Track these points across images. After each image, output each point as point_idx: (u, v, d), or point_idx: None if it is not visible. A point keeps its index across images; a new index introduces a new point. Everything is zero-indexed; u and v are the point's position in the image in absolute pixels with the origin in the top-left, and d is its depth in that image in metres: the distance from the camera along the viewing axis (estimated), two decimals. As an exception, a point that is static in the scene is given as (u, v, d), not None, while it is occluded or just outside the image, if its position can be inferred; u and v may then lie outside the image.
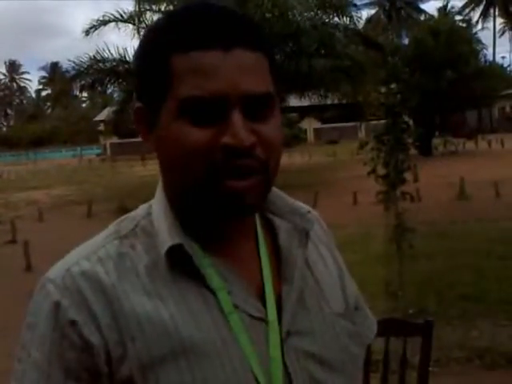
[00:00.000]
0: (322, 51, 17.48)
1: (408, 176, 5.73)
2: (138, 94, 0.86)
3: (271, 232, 0.91)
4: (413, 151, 6.76)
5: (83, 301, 0.78)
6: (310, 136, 44.74)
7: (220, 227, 0.85)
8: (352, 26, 19.08)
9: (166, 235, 0.82)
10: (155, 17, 17.81)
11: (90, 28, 18.26)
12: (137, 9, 17.89)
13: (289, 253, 0.88)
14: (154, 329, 0.77)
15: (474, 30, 32.49)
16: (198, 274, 0.81)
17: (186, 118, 0.77)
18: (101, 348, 0.77)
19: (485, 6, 60.83)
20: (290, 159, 27.82)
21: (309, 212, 0.94)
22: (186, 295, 0.80)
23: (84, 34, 18.31)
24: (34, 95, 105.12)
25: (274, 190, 0.91)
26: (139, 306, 0.78)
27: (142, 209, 0.90)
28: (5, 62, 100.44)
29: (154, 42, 0.82)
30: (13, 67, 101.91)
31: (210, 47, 0.77)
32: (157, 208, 0.86)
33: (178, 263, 0.81)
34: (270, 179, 0.82)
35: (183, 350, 0.77)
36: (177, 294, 0.80)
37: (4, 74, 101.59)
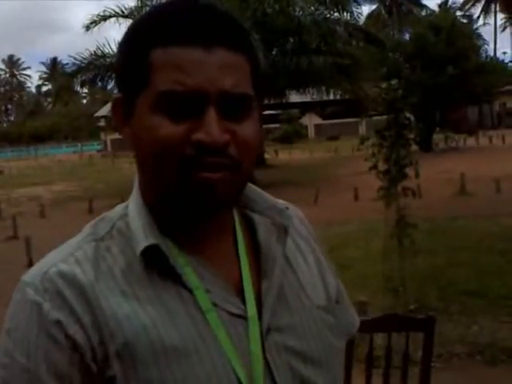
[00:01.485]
0: (323, 48, 17.45)
1: (409, 172, 5.72)
2: (117, 85, 0.87)
3: (250, 228, 0.91)
4: (413, 147, 6.75)
5: (64, 301, 0.78)
6: (311, 132, 44.67)
7: (195, 224, 0.84)
8: (353, 22, 19.07)
9: (142, 236, 0.81)
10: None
11: (91, 23, 18.27)
12: (138, 4, 17.87)
13: (268, 248, 0.88)
14: (132, 329, 0.77)
15: (475, 26, 32.43)
16: (175, 274, 0.81)
17: (161, 112, 0.77)
18: (87, 346, 0.77)
19: (486, 1, 60.70)
20: (290, 155, 27.80)
21: (287, 208, 0.94)
22: (162, 295, 0.80)
23: (84, 29, 18.31)
24: (34, 91, 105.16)
25: (252, 187, 0.91)
26: (117, 307, 0.78)
27: (118, 209, 0.89)
28: (3, 60, 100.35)
29: (136, 34, 0.82)
30: (12, 62, 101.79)
31: (190, 44, 0.77)
32: (132, 208, 0.86)
33: (154, 263, 0.81)
34: (241, 177, 0.82)
35: (162, 349, 0.77)
36: (153, 294, 0.80)
37: (4, 70, 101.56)
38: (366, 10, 64.44)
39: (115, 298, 0.79)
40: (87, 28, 18.35)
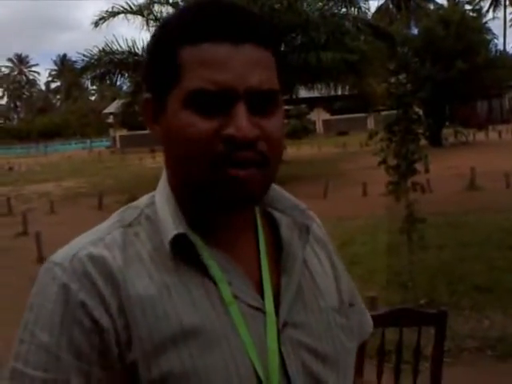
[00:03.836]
0: (331, 44, 17.39)
1: (419, 167, 5.70)
2: (147, 85, 0.88)
3: (271, 225, 0.93)
4: (423, 142, 6.73)
5: (92, 284, 0.79)
6: (320, 127, 44.57)
7: (220, 219, 0.86)
8: (361, 17, 18.98)
9: (170, 224, 0.83)
10: (164, 9, 17.77)
11: (100, 19, 18.30)
12: (147, 0, 17.88)
13: (290, 246, 0.90)
14: (156, 315, 0.78)
15: (485, 20, 32.11)
16: (200, 264, 0.82)
17: (192, 109, 0.79)
18: (111, 331, 0.78)
19: (495, -5, 60.24)
20: (299, 151, 27.77)
21: (308, 209, 0.96)
22: (188, 283, 0.81)
23: (93, 26, 18.35)
24: (43, 88, 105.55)
25: (273, 185, 0.92)
26: (144, 291, 0.79)
27: (145, 198, 0.91)
28: (8, 58, 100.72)
29: (164, 33, 0.84)
30: (21, 60, 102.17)
31: (218, 41, 0.78)
32: (160, 198, 0.88)
33: (181, 252, 0.82)
34: (271, 173, 0.83)
35: (185, 337, 0.78)
36: (179, 281, 0.81)
37: (12, 68, 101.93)
38: (374, 4, 64.08)
39: (142, 282, 0.80)
40: (96, 24, 18.39)
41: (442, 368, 2.13)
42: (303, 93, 22.68)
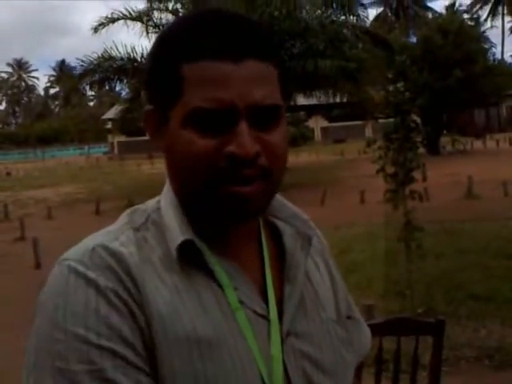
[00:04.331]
0: (330, 51, 17.43)
1: (416, 175, 5.71)
2: (149, 97, 0.88)
3: (274, 235, 0.93)
4: (421, 150, 6.74)
5: (116, 277, 0.78)
6: (318, 135, 44.64)
7: (225, 228, 0.86)
8: (360, 24, 19.04)
9: (177, 230, 0.83)
10: (163, 15, 17.81)
11: (99, 25, 18.32)
12: (148, 5, 17.90)
13: (293, 255, 0.91)
14: (170, 316, 0.78)
15: (483, 29, 32.29)
16: (207, 270, 0.83)
17: (193, 127, 0.79)
18: (142, 319, 0.77)
19: (493, 4, 60.47)
20: (297, 158, 27.80)
21: (309, 220, 0.97)
22: (198, 289, 0.82)
23: (92, 31, 18.37)
24: (42, 93, 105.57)
25: (276, 195, 0.92)
26: (157, 291, 0.79)
27: (152, 202, 0.91)
28: (8, 64, 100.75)
29: (166, 48, 0.83)
30: (20, 65, 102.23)
31: (221, 58, 0.78)
32: (165, 204, 0.88)
33: (188, 258, 0.82)
34: (273, 186, 0.83)
35: (197, 341, 0.78)
36: (189, 286, 0.81)
37: (12, 73, 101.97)
38: (372, 12, 64.39)
39: (155, 282, 0.80)
40: (95, 30, 18.41)
41: (439, 377, 2.12)
42: (302, 100, 22.73)
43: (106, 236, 0.84)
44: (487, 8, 60.97)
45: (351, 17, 18.87)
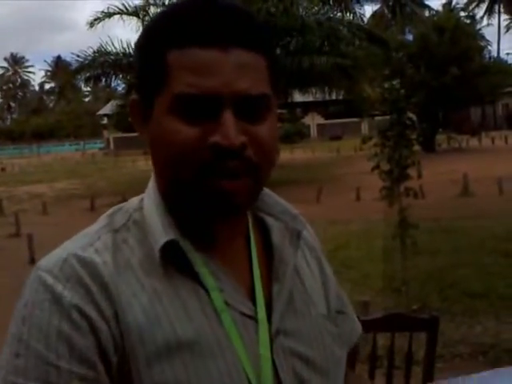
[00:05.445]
0: (326, 48, 17.43)
1: (412, 172, 5.71)
2: (136, 87, 0.86)
3: (262, 230, 0.91)
4: (416, 147, 6.74)
5: (85, 290, 0.76)
6: (314, 132, 44.65)
7: (210, 225, 0.84)
8: (356, 22, 19.05)
9: (160, 231, 0.81)
10: (160, 10, 17.79)
11: (95, 20, 18.26)
12: (144, 0, 17.86)
13: (281, 252, 0.89)
14: (148, 324, 0.76)
15: (479, 27, 32.33)
16: (192, 271, 0.80)
17: (177, 114, 0.77)
18: (108, 334, 0.75)
19: (489, 2, 60.56)
20: (292, 155, 27.80)
21: (299, 214, 0.95)
22: (179, 290, 0.80)
23: (88, 26, 18.32)
24: (37, 89, 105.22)
25: (265, 190, 0.91)
26: (135, 299, 0.77)
27: (134, 201, 0.88)
28: (4, 58, 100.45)
29: (152, 35, 0.81)
30: (15, 60, 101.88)
31: (207, 45, 0.76)
32: (149, 202, 0.86)
33: (172, 259, 0.80)
34: (260, 181, 0.81)
35: (178, 346, 0.76)
36: (170, 288, 0.79)
37: (7, 68, 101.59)
38: (369, 10, 64.29)
39: (133, 288, 0.78)
40: (91, 25, 18.34)
41: (433, 373, 2.12)
42: (298, 97, 22.72)
43: (82, 241, 0.82)
44: (483, 6, 61.09)
45: (348, 14, 18.90)
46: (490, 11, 61.05)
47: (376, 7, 61.31)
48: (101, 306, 0.76)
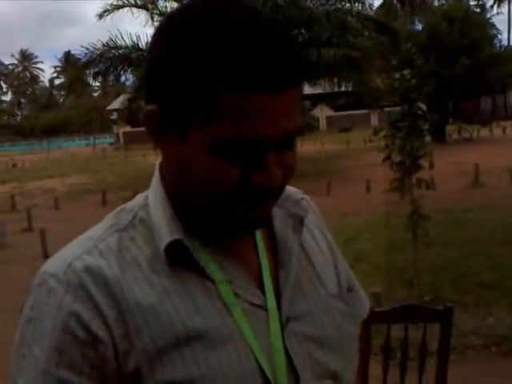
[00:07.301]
0: (334, 40, 17.33)
1: (423, 163, 5.68)
2: (157, 95, 0.79)
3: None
4: (427, 138, 6.71)
5: (88, 296, 0.77)
6: (323, 124, 44.54)
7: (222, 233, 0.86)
8: (365, 12, 18.93)
9: (165, 229, 0.81)
10: (169, 4, 17.73)
11: (104, 11, 18.27)
12: None
13: (284, 239, 0.89)
14: (158, 320, 0.77)
15: (489, 15, 32.04)
16: (199, 267, 0.81)
17: (219, 153, 0.75)
18: (109, 342, 0.76)
19: (500, -10, 59.92)
20: (302, 147, 27.75)
21: (302, 199, 0.94)
22: (188, 286, 0.80)
23: (98, 18, 18.33)
24: (47, 84, 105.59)
25: None
26: (143, 297, 0.78)
27: (139, 199, 0.88)
28: (12, 55, 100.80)
29: (201, 70, 0.74)
30: (25, 56, 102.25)
31: (262, 90, 0.74)
32: (153, 200, 0.85)
33: (178, 257, 0.80)
34: (281, 193, 0.84)
35: (189, 340, 0.77)
36: (179, 284, 0.80)
37: (17, 64, 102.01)
38: (377, 0, 63.83)
39: (141, 288, 0.79)
40: (100, 16, 18.33)
41: (447, 365, 2.12)
42: (307, 89, 22.66)
43: (87, 244, 0.82)
44: (493, -6, 60.41)
45: (356, 4, 18.76)
46: (499, 0, 60.45)
47: (385, -3, 60.88)
48: (103, 310, 0.76)
